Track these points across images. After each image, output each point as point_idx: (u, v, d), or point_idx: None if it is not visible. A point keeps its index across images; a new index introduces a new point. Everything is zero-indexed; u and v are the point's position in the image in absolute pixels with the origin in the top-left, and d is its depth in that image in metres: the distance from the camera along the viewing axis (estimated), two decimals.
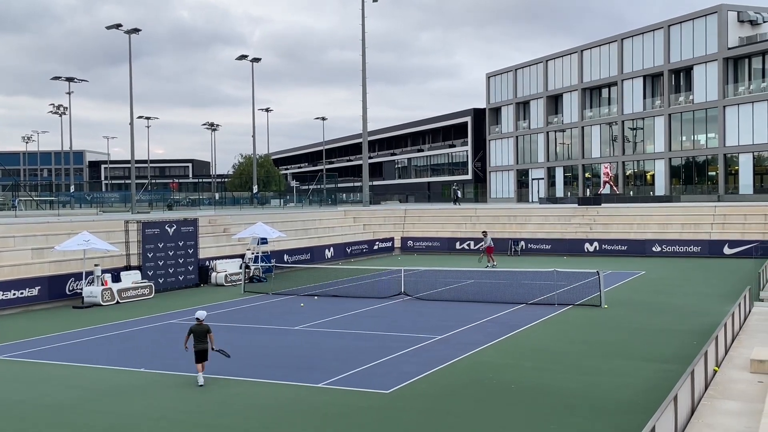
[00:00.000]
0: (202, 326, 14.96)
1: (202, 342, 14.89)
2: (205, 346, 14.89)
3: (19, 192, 65.19)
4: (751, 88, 59.41)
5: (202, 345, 14.88)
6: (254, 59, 66.49)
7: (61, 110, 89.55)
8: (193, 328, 15.02)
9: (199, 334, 14.91)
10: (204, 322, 15.07)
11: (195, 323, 15.08)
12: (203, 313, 15.24)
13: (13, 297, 25.71)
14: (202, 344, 14.88)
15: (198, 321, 15.02)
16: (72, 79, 71.19)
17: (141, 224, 30.37)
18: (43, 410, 13.56)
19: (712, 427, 10.47)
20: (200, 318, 15.03)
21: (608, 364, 16.34)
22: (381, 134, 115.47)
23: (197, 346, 14.88)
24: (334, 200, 67.93)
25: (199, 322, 15.00)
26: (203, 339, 14.91)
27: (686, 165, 65.72)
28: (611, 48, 71.25)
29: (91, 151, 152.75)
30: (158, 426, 12.52)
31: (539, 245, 44.77)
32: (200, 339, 14.90)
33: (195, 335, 14.94)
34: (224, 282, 32.25)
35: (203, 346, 14.89)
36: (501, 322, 21.69)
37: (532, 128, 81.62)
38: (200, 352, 14.87)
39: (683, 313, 22.75)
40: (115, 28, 47.32)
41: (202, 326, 14.96)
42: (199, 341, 14.89)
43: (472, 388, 14.50)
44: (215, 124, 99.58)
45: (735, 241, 40.47)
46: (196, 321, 15.07)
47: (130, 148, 51.97)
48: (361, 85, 59.50)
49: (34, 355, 18.51)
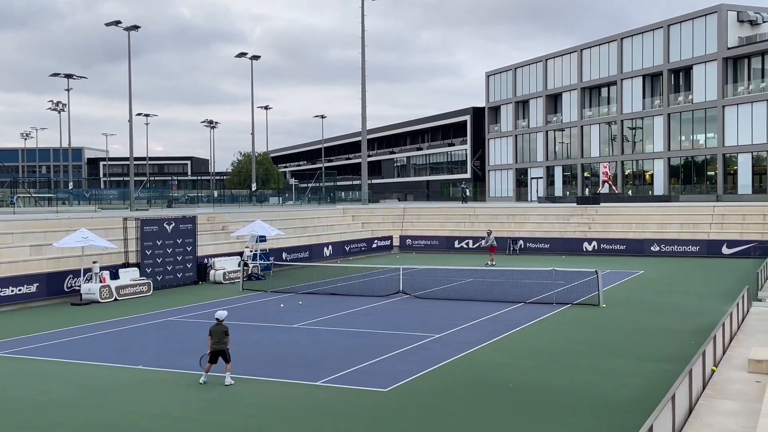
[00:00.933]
0: (220, 326, 14.85)
1: (220, 342, 14.76)
2: (221, 346, 14.73)
3: (17, 189, 65.16)
4: (751, 88, 59.41)
5: (219, 345, 14.74)
6: (253, 57, 66.47)
7: (60, 107, 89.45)
8: (213, 328, 14.92)
9: (217, 334, 14.81)
10: (223, 322, 14.95)
11: (215, 323, 14.97)
12: (223, 314, 15.13)
13: (11, 294, 25.70)
14: (219, 345, 14.74)
15: (217, 321, 14.92)
16: (71, 76, 71.08)
17: (139, 221, 30.36)
18: (41, 407, 13.55)
19: (710, 426, 10.47)
20: (219, 318, 14.94)
21: (606, 363, 16.35)
22: (380, 132, 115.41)
23: (213, 346, 14.76)
24: (333, 198, 67.92)
25: (218, 323, 14.90)
26: (221, 339, 14.77)
27: (685, 165, 65.74)
28: (611, 47, 71.24)
29: (89, 148, 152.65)
30: (156, 423, 12.52)
31: (538, 244, 44.79)
32: (218, 339, 14.79)
33: (213, 335, 14.84)
34: (222, 280, 32.24)
35: (220, 346, 14.73)
36: (499, 320, 21.70)
37: (532, 127, 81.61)
38: (215, 353, 14.76)
39: (681, 312, 22.77)
40: (114, 24, 47.27)
41: (221, 326, 14.85)
42: (217, 341, 14.78)
43: (470, 386, 14.51)
44: (214, 122, 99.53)
45: (733, 241, 40.50)
46: (216, 321, 14.95)
47: (129, 145, 51.96)
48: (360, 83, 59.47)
49: (31, 351, 18.50)
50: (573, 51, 75.91)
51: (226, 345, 14.77)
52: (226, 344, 14.78)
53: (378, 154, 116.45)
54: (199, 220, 34.53)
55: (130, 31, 47.99)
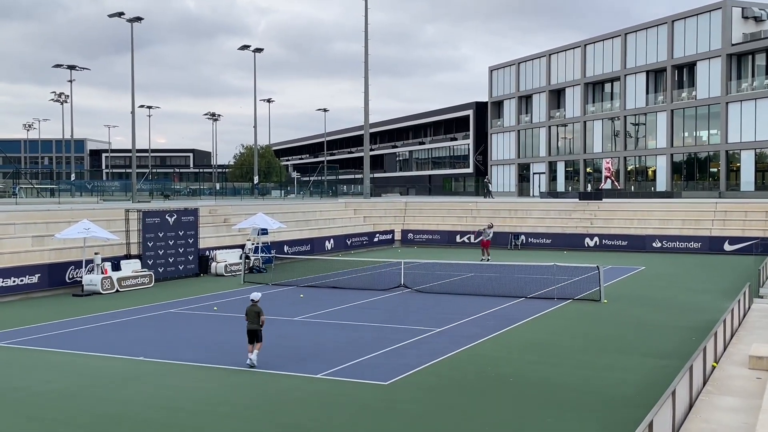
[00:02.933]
0: (254, 307, 15.52)
1: (253, 322, 15.44)
2: (254, 326, 15.41)
3: (19, 179, 65.24)
4: (755, 84, 59.28)
5: (253, 325, 15.43)
6: (256, 49, 66.40)
7: (62, 98, 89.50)
8: (247, 309, 15.60)
9: (250, 314, 15.48)
10: (258, 302, 15.58)
11: (250, 304, 15.60)
12: (258, 294, 15.81)
13: (13, 284, 25.73)
14: (253, 324, 15.43)
15: (252, 302, 15.57)
16: (74, 67, 71.08)
17: (141, 213, 30.37)
18: (42, 397, 13.58)
19: (710, 422, 10.47)
20: (254, 299, 15.61)
21: (607, 358, 16.35)
22: (383, 126, 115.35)
23: (248, 326, 15.51)
24: (335, 192, 67.94)
25: (253, 303, 15.55)
26: (254, 319, 15.44)
27: (688, 161, 65.65)
28: (614, 43, 71.09)
29: (92, 140, 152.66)
30: (157, 414, 12.54)
31: (539, 239, 44.75)
32: (251, 319, 15.47)
33: (247, 315, 15.54)
34: (224, 272, 32.26)
35: (253, 326, 15.42)
36: (500, 315, 21.71)
37: (534, 122, 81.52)
38: (250, 332, 15.47)
39: (683, 308, 22.76)
40: (118, 16, 47.25)
41: (255, 307, 15.52)
42: (251, 321, 15.46)
43: (470, 380, 14.52)
44: (216, 114, 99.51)
45: (735, 238, 40.46)
46: (251, 302, 15.59)
47: (131, 136, 51.97)
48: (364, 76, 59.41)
49: (33, 342, 18.53)
50: (576, 46, 75.76)
51: (258, 325, 15.41)
52: (259, 324, 15.42)
53: (380, 148, 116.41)
54: (201, 213, 34.54)
55: (133, 22, 47.95)
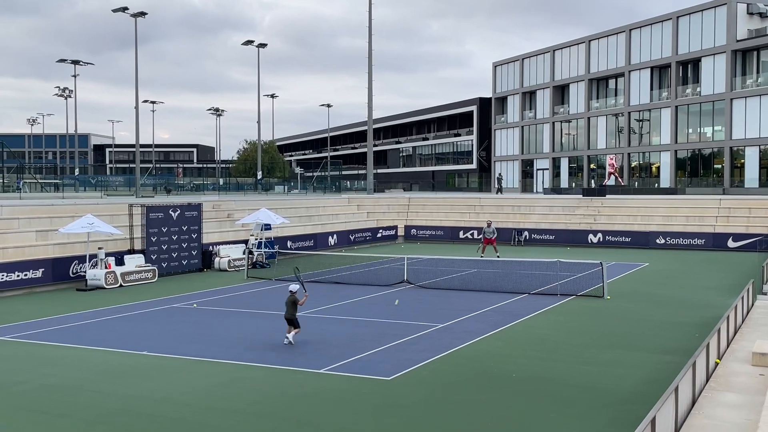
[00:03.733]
0: (291, 297, 17.15)
1: (290, 310, 17.09)
2: (290, 315, 17.09)
3: (23, 174, 65.29)
4: (759, 81, 59.09)
5: (288, 314, 17.13)
6: (260, 45, 66.37)
7: (66, 93, 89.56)
8: (286, 299, 17.26)
9: (288, 304, 17.17)
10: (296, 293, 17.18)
11: (289, 294, 17.22)
12: (295, 286, 17.44)
13: (17, 279, 25.80)
14: (288, 313, 17.12)
15: (290, 293, 17.19)
16: (78, 62, 71.08)
17: (145, 208, 30.42)
18: (46, 391, 13.63)
19: (713, 418, 10.47)
20: (292, 290, 17.26)
21: (610, 354, 16.35)
22: (386, 122, 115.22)
23: (285, 314, 17.27)
24: (338, 187, 67.94)
25: (291, 294, 17.17)
26: (291, 308, 17.07)
27: (692, 157, 65.51)
28: (619, 38, 70.89)
29: (96, 135, 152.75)
30: (161, 408, 12.57)
31: (543, 235, 44.74)
32: (288, 308, 17.12)
33: (286, 305, 17.24)
34: (227, 267, 32.31)
35: (289, 315, 17.11)
36: (503, 311, 21.71)
37: (538, 118, 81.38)
38: (287, 320, 17.23)
39: (686, 305, 22.74)
40: (122, 11, 47.25)
41: (292, 297, 17.15)
42: (287, 310, 17.15)
43: (473, 376, 14.53)
44: (220, 110, 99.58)
45: (739, 235, 40.40)
46: (290, 292, 17.20)
47: (135, 132, 51.98)
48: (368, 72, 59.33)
49: (37, 336, 18.58)
50: (581, 42, 75.56)
51: (293, 315, 17.09)
52: (294, 313, 17.10)
53: (384, 143, 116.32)
54: (205, 208, 34.58)
55: (137, 17, 47.96)
